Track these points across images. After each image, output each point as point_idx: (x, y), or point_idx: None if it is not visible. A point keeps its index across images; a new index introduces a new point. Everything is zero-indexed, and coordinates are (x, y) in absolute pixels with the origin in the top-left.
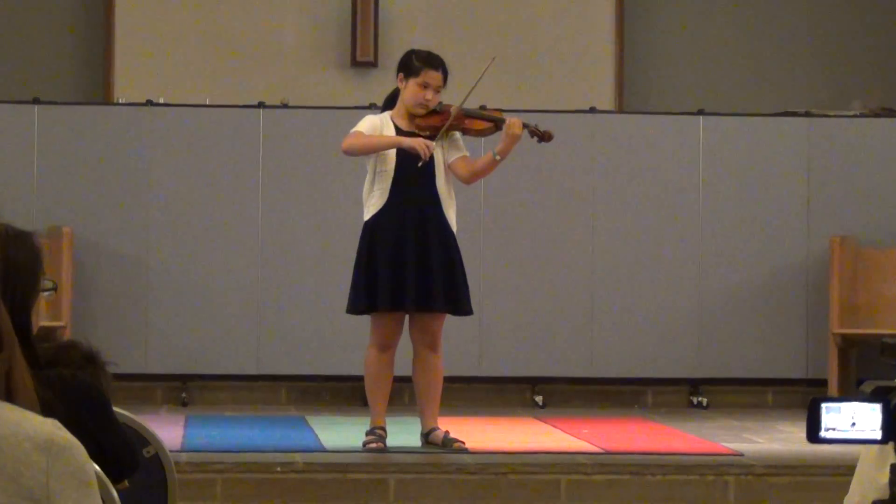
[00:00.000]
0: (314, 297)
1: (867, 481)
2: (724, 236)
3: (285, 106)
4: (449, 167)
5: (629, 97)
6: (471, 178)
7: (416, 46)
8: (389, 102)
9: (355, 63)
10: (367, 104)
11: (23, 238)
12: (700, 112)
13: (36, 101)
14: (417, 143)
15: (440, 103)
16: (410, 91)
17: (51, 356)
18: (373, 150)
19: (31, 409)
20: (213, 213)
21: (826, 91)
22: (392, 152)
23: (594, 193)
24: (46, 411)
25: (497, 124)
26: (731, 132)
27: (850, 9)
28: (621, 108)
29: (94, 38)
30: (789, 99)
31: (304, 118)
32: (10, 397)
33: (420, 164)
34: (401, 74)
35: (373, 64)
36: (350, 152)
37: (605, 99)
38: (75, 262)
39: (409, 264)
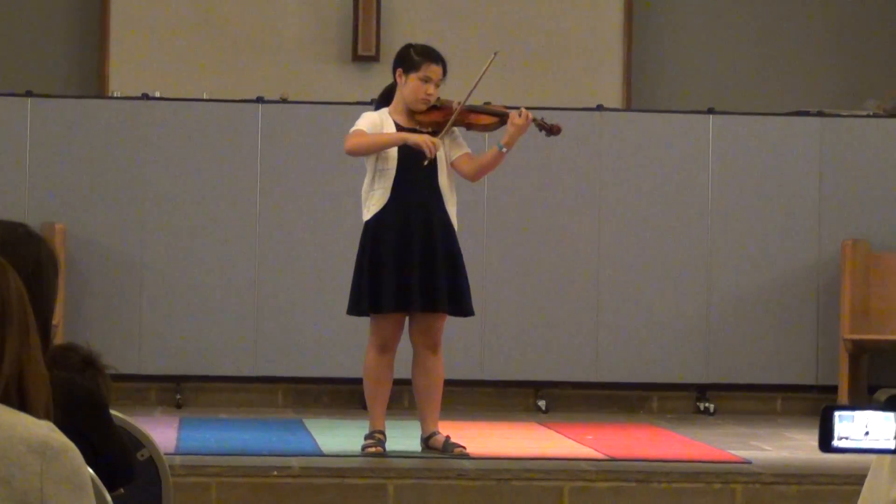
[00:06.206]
0: (313, 296)
1: (878, 493)
2: (734, 238)
3: (285, 101)
4: (452, 165)
5: (637, 95)
6: (477, 175)
7: (420, 41)
8: (384, 99)
9: (357, 57)
10: (368, 100)
11: (41, 239)
12: (710, 111)
13: (29, 93)
14: (423, 141)
15: (439, 98)
16: (411, 87)
17: (48, 359)
18: (378, 148)
19: (46, 411)
20: (209, 210)
21: (839, 90)
22: (394, 150)
23: (600, 193)
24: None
25: (502, 118)
26: (741, 132)
27: (863, 6)
28: (629, 106)
29: (89, 30)
30: (801, 98)
31: (303, 113)
32: (23, 397)
33: (425, 162)
34: (399, 70)
35: (374, 58)
36: (354, 152)
37: (613, 96)
38: (68, 260)
39: (414, 264)
